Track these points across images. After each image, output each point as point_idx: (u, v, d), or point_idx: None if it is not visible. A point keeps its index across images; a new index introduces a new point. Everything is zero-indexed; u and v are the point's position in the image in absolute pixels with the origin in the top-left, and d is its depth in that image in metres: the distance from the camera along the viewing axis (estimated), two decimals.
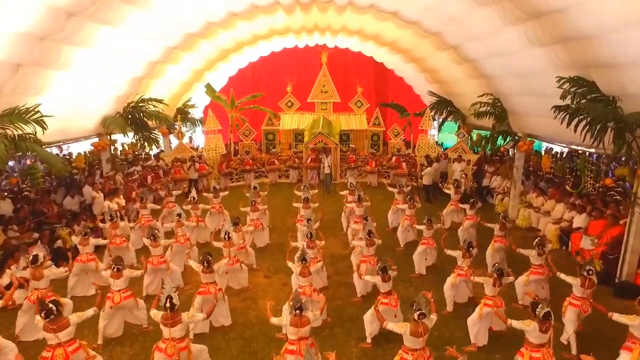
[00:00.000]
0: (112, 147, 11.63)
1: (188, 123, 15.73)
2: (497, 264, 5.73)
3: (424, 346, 4.37)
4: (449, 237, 7.16)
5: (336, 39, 15.38)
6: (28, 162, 10.67)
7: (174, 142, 15.61)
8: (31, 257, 5.70)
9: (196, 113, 17.01)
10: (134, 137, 11.37)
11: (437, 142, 17.38)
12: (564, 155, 14.03)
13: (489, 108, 11.00)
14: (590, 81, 6.64)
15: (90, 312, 4.83)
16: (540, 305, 4.38)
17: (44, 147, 7.64)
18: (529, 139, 10.69)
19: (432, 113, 15.50)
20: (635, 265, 7.20)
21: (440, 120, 15.91)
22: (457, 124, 14.92)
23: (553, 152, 14.35)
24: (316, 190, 10.68)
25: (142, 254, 7.25)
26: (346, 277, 7.68)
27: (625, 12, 5.09)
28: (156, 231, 7.01)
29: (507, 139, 11.31)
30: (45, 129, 7.31)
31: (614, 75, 6.11)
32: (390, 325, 4.58)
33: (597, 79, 6.49)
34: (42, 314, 4.37)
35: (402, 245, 9.17)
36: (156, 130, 12.66)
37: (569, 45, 6.38)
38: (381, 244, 7.31)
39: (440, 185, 11.03)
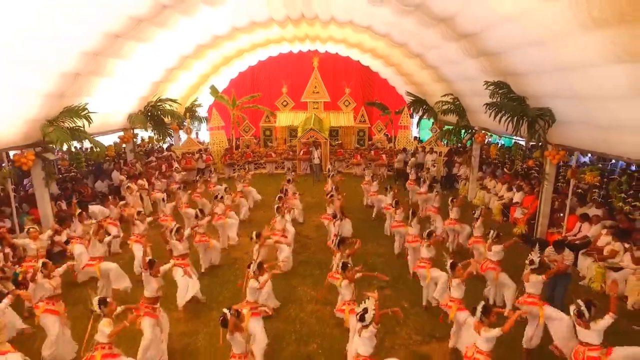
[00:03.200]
0: (134, 140, 13.73)
1: (195, 121, 17.77)
2: (429, 230, 7.01)
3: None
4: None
5: (326, 45, 17.45)
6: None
7: (182, 137, 17.76)
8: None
9: (201, 112, 19.08)
10: (152, 131, 13.48)
11: (415, 137, 19.47)
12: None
13: (450, 106, 13.14)
14: (507, 84, 8.79)
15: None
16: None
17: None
18: (483, 131, 12.85)
19: (410, 111, 17.68)
20: (546, 226, 9.35)
21: (417, 117, 18.00)
22: (431, 120, 17.07)
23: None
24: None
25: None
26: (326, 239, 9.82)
27: (519, 36, 7.15)
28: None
29: (467, 132, 13.49)
30: (91, 123, 9.41)
31: (519, 81, 8.26)
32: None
33: (510, 83, 8.63)
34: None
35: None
36: (169, 125, 14.78)
37: (488, 57, 8.53)
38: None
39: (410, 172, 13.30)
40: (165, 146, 17.87)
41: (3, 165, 9.32)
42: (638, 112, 5.50)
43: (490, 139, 17.09)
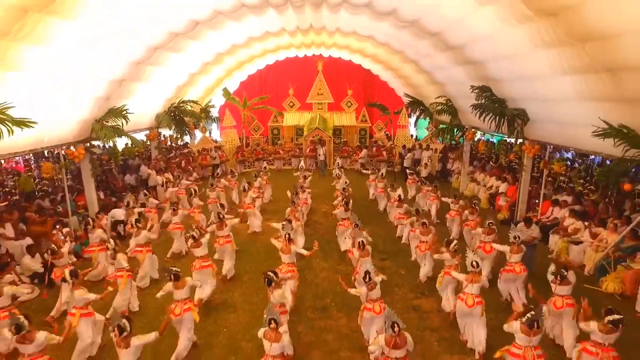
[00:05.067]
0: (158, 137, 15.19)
1: (209, 120, 19.20)
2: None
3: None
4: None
5: (330, 50, 18.84)
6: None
7: (198, 135, 19.19)
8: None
9: (213, 112, 20.49)
10: (174, 130, 14.94)
11: (412, 135, 20.94)
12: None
13: (444, 107, 14.56)
14: (489, 88, 10.23)
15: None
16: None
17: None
18: (473, 129, 14.28)
19: (408, 111, 19.11)
20: (525, 211, 10.79)
21: (415, 117, 19.44)
22: (427, 119, 18.50)
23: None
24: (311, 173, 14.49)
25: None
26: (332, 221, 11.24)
27: (492, 50, 8.60)
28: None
29: (459, 130, 14.92)
30: (128, 122, 10.85)
31: (498, 85, 9.71)
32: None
33: (492, 87, 10.07)
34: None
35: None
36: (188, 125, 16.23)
37: (472, 65, 9.97)
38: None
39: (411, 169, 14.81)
40: (181, 144, 19.29)
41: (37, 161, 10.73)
42: (584, 112, 6.94)
43: (483, 138, 18.53)
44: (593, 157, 14.47)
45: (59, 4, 5.75)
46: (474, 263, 5.73)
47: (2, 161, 13.61)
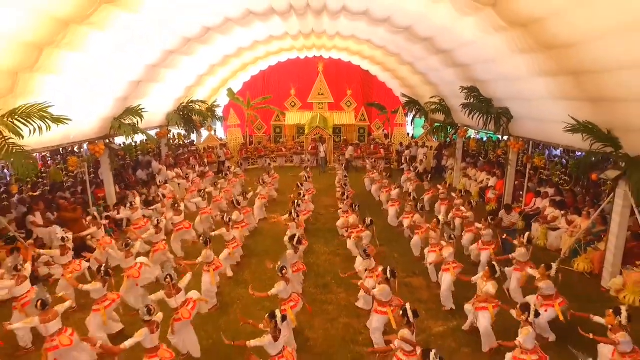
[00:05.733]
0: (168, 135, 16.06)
1: (215, 119, 20.06)
2: (421, 205, 9.90)
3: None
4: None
5: (330, 52, 19.71)
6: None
7: (203, 134, 20.05)
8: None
9: (218, 111, 21.33)
10: (183, 128, 15.82)
11: (408, 133, 21.82)
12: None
13: (437, 106, 15.42)
14: (477, 89, 11.09)
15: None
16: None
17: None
18: (465, 127, 15.14)
19: (405, 110, 19.98)
20: (511, 202, 11.66)
21: (411, 116, 20.30)
22: (423, 118, 19.37)
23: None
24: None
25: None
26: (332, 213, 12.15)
27: (477, 54, 9.45)
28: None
29: (452, 129, 15.79)
30: (142, 119, 11.71)
31: (485, 86, 10.59)
32: None
33: (479, 88, 10.94)
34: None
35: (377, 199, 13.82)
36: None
37: (461, 68, 10.84)
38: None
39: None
40: (187, 142, 20.17)
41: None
42: (557, 110, 7.80)
43: (477, 136, 19.38)
44: (580, 153, 15.37)
45: (95, 16, 6.62)
46: (453, 236, 6.96)
47: None
